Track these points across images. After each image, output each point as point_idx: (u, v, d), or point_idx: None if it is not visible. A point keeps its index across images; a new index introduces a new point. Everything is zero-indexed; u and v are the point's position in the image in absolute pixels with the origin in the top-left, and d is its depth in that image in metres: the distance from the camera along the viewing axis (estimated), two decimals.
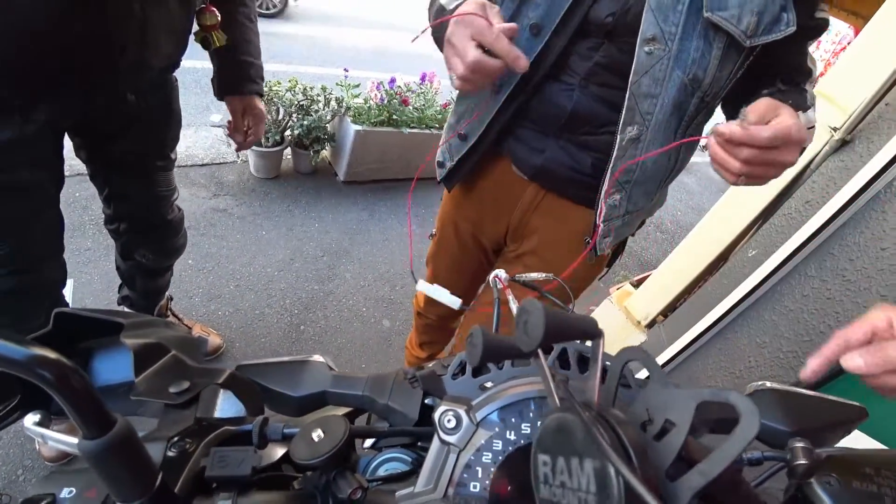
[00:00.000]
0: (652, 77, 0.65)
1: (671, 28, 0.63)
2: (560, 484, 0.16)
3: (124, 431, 0.20)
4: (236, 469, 0.25)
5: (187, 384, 0.31)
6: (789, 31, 0.62)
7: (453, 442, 0.24)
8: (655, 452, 0.16)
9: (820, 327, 1.22)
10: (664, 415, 0.17)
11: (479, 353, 0.20)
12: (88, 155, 1.04)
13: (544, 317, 0.18)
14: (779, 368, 1.29)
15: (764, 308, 1.39)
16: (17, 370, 0.17)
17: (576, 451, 0.16)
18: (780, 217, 1.46)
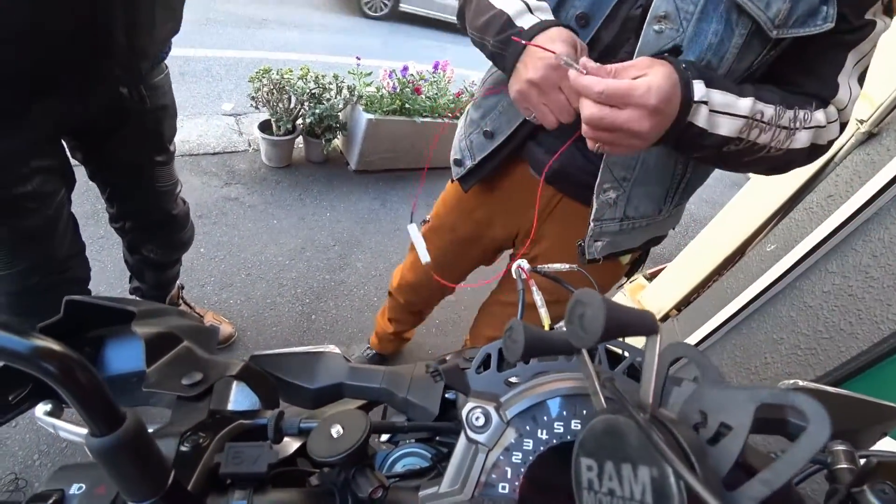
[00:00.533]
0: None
1: (688, 6, 0.55)
2: (608, 491, 0.15)
3: (134, 428, 0.19)
4: (252, 466, 0.24)
5: (200, 376, 0.30)
6: (825, 28, 0.54)
7: (482, 441, 0.23)
8: (710, 456, 0.15)
9: (840, 324, 1.18)
10: (719, 417, 0.16)
11: (520, 349, 0.19)
12: (85, 156, 1.01)
13: (605, 310, 0.16)
14: (796, 365, 1.26)
15: (782, 304, 1.36)
16: (19, 363, 0.16)
17: (628, 457, 0.14)
18: (801, 211, 1.42)
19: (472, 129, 0.83)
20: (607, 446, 0.16)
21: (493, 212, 0.93)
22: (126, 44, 0.79)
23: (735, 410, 0.16)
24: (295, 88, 2.26)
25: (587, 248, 0.76)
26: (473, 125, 0.83)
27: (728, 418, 0.16)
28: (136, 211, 1.15)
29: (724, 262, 1.77)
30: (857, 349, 1.14)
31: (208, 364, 0.32)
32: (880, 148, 1.28)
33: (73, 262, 0.99)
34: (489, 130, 0.78)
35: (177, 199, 1.19)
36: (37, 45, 0.69)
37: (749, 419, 0.15)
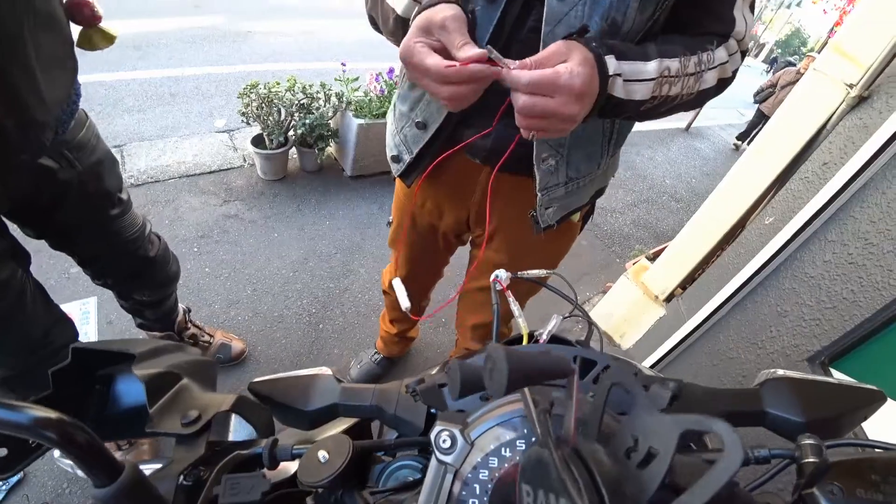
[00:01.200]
0: (567, 25, 0.59)
1: None
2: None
3: (132, 477, 0.21)
4: (247, 496, 0.26)
5: (197, 413, 0.32)
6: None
7: (449, 462, 0.25)
8: (639, 481, 0.16)
9: (843, 293, 1.18)
10: (648, 442, 0.17)
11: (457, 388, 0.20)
12: (36, 232, 0.95)
13: (507, 364, 0.18)
14: (801, 337, 1.27)
15: (784, 276, 1.36)
16: (23, 433, 0.18)
17: (552, 488, 0.16)
18: (797, 181, 1.42)
19: (404, 123, 0.82)
20: (538, 475, 0.17)
21: (441, 201, 0.94)
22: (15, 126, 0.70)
23: (662, 436, 0.17)
24: (283, 101, 2.28)
25: (540, 217, 0.78)
26: (404, 118, 0.82)
27: (655, 443, 0.17)
28: (111, 267, 1.11)
29: (724, 236, 1.76)
30: (860, 317, 1.14)
31: (205, 401, 0.34)
32: (872, 112, 1.27)
33: (53, 333, 0.95)
34: (421, 121, 0.78)
35: (149, 240, 1.14)
36: None
37: (674, 444, 0.16)
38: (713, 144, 5.16)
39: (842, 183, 1.21)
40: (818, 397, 0.37)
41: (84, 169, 0.90)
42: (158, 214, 2.13)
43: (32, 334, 0.92)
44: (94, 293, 1.70)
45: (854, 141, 1.26)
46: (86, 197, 0.93)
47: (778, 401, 0.36)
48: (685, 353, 1.74)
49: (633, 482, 0.17)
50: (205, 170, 2.50)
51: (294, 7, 5.62)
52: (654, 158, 4.46)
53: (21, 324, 0.88)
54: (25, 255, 0.91)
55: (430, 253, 1.13)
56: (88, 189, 0.93)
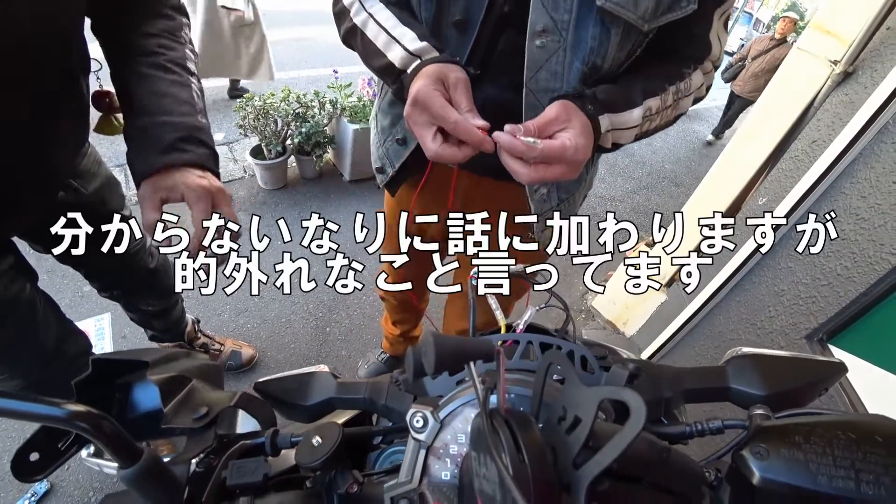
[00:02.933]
0: (549, 71, 0.61)
1: (563, 16, 0.58)
2: (483, 476, 0.19)
3: (150, 459, 0.24)
4: (251, 477, 0.30)
5: (206, 409, 0.36)
6: (690, 10, 0.58)
7: (422, 439, 0.28)
8: (566, 444, 0.19)
9: (837, 269, 1.20)
10: (574, 411, 0.20)
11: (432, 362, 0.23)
12: (45, 249, 0.97)
13: (434, 348, 0.21)
14: (799, 316, 1.28)
15: (780, 256, 1.37)
16: (61, 425, 0.22)
17: (487, 448, 0.19)
18: (788, 160, 1.43)
19: (386, 137, 0.85)
20: (480, 442, 0.20)
21: (426, 204, 0.96)
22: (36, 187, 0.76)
23: (585, 405, 0.20)
24: (279, 111, 2.32)
25: (538, 237, 0.80)
26: (385, 133, 0.85)
27: (580, 412, 0.20)
28: (116, 280, 1.16)
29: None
30: (855, 292, 1.15)
31: (213, 398, 0.38)
32: (857, 87, 1.27)
33: (66, 344, 0.98)
34: (401, 138, 0.81)
35: (149, 252, 1.18)
36: None
37: (594, 411, 0.19)
38: (712, 126, 5.14)
39: (831, 160, 1.22)
40: (779, 371, 0.39)
41: (89, 194, 0.95)
42: None
43: (46, 346, 0.95)
44: (108, 309, 1.75)
45: (841, 117, 1.27)
46: (91, 218, 0.96)
47: (741, 376, 0.38)
48: (687, 338, 1.76)
49: (561, 444, 0.20)
50: None
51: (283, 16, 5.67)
52: (653, 144, 4.45)
53: (34, 337, 0.92)
54: (32, 272, 0.95)
55: (420, 256, 1.15)
56: (95, 209, 0.97)
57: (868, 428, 0.23)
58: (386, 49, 0.64)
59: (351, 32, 0.71)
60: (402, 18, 0.65)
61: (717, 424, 0.30)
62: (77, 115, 0.81)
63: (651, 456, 0.22)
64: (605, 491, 0.19)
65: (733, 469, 0.24)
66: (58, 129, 0.76)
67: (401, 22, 0.65)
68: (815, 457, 0.22)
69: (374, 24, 0.66)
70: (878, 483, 0.20)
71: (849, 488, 0.21)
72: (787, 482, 0.22)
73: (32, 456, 0.39)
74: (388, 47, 0.64)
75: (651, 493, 0.22)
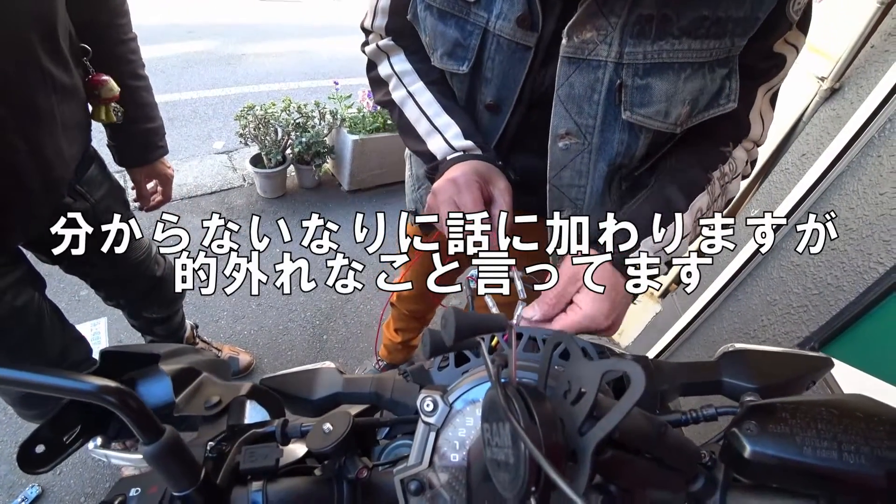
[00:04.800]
0: (573, 170, 0.59)
1: (588, 120, 0.55)
2: (495, 444, 0.21)
3: (172, 437, 0.26)
4: (264, 461, 0.31)
5: (218, 398, 0.37)
6: (729, 108, 0.53)
7: (432, 422, 0.29)
8: (572, 414, 0.21)
9: (827, 279, 1.23)
10: (579, 384, 0.21)
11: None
12: (51, 259, 1.01)
13: (454, 319, 0.23)
14: (791, 324, 1.31)
15: (772, 266, 1.40)
16: (89, 398, 0.23)
17: (500, 418, 0.20)
18: (778, 173, 1.47)
19: (420, 184, 0.85)
20: (492, 412, 0.22)
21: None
22: (41, 185, 0.78)
23: (589, 378, 0.21)
24: (279, 120, 2.35)
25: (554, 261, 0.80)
26: (420, 181, 0.85)
27: (584, 385, 0.21)
28: (122, 289, 1.17)
29: None
30: (845, 301, 1.18)
31: (224, 389, 0.39)
32: (844, 102, 1.32)
33: (69, 351, 1.00)
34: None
35: (155, 260, 1.19)
36: None
37: (597, 383, 0.20)
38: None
39: (820, 172, 1.26)
40: (769, 365, 0.41)
41: (95, 201, 0.97)
42: None
43: (50, 354, 0.96)
44: (104, 314, 1.75)
45: (829, 131, 1.31)
46: (97, 226, 0.98)
47: (733, 370, 0.40)
48: (682, 348, 1.77)
49: (567, 415, 0.21)
50: (206, 191, 2.57)
51: (285, 28, 5.74)
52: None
53: (40, 345, 0.93)
54: (41, 280, 0.96)
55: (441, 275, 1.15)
56: (100, 220, 0.98)
57: (848, 405, 0.24)
58: (426, 137, 0.63)
59: (387, 105, 0.70)
60: (444, 105, 0.64)
61: (710, 412, 0.31)
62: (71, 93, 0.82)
63: (649, 430, 0.23)
64: (608, 459, 0.20)
65: (726, 446, 0.26)
66: (57, 117, 0.78)
67: (444, 110, 0.63)
68: (801, 430, 0.23)
69: (415, 106, 0.65)
70: (858, 453, 0.22)
71: (832, 458, 0.22)
72: (776, 454, 0.23)
73: (38, 448, 0.39)
74: (430, 136, 0.63)
75: (650, 466, 0.23)
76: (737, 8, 0.47)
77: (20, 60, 0.69)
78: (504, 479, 0.19)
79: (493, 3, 0.54)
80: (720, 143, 0.59)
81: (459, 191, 0.53)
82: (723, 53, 0.50)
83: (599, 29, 0.50)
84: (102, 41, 0.89)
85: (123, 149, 1.03)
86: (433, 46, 0.61)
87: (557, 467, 0.17)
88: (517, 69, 0.57)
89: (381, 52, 0.70)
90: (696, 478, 0.26)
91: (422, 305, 1.38)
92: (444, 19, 0.58)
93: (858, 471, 0.22)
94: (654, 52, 0.49)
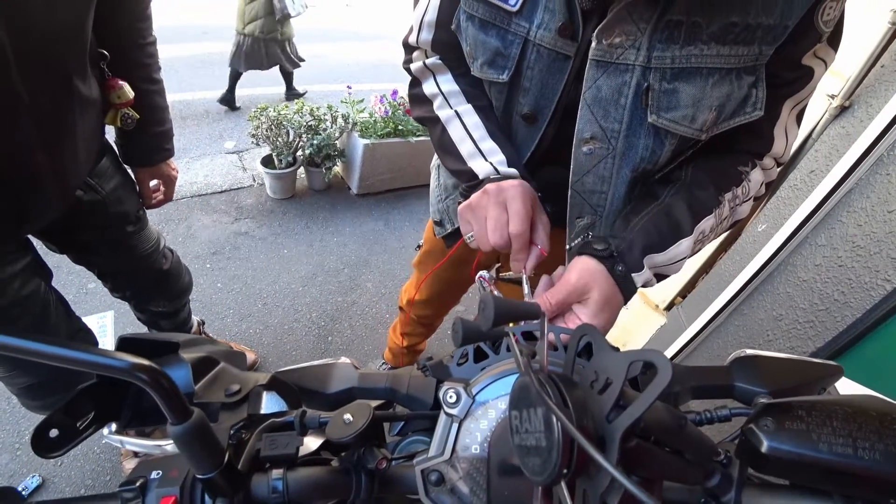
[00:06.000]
0: (596, 175, 0.59)
1: (614, 125, 0.55)
2: (525, 430, 0.21)
3: (200, 418, 0.26)
4: (285, 449, 0.31)
5: (238, 387, 0.37)
6: (755, 117, 0.53)
7: (455, 413, 0.30)
8: (599, 403, 0.21)
9: (834, 295, 1.22)
10: (605, 374, 0.22)
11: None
12: (59, 248, 1.03)
13: (493, 304, 0.23)
14: (797, 340, 1.30)
15: (778, 281, 1.40)
16: (122, 375, 0.23)
17: (532, 403, 0.21)
18: (786, 189, 1.47)
19: (448, 195, 0.85)
20: (522, 398, 0.22)
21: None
22: (57, 190, 0.80)
23: (615, 368, 0.22)
24: (292, 122, 2.37)
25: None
26: (448, 191, 0.85)
27: (611, 374, 0.22)
28: (129, 280, 1.18)
29: (721, 244, 1.81)
30: (851, 318, 1.17)
31: (243, 378, 0.40)
32: (853, 120, 1.32)
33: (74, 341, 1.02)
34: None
35: (163, 254, 1.21)
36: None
37: (624, 373, 0.21)
38: None
39: (828, 189, 1.26)
40: (781, 371, 0.41)
41: (107, 193, 0.98)
42: (172, 232, 2.21)
43: None
44: (111, 307, 1.76)
45: (838, 149, 1.32)
46: (107, 217, 1.01)
47: (745, 375, 0.41)
48: (686, 361, 1.77)
49: (595, 404, 0.22)
50: (216, 189, 2.59)
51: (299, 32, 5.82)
52: None
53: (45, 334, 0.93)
54: (48, 270, 0.97)
55: (455, 283, 1.15)
56: (109, 211, 1.01)
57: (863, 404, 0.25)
58: (469, 158, 0.63)
59: (429, 122, 0.70)
60: (489, 129, 0.64)
61: (725, 413, 0.32)
62: (91, 104, 0.84)
63: (671, 422, 0.24)
64: (632, 449, 0.21)
65: (743, 442, 0.26)
66: (77, 129, 0.80)
67: (489, 135, 0.63)
68: (817, 427, 0.24)
69: (461, 127, 0.65)
70: (873, 449, 0.22)
71: (847, 454, 0.23)
72: (793, 450, 0.24)
73: (52, 432, 0.40)
74: (473, 158, 0.63)
75: (670, 458, 0.24)
76: (767, 15, 0.47)
77: (53, 81, 0.72)
78: (535, 464, 0.20)
79: (535, 13, 0.55)
80: (739, 161, 0.59)
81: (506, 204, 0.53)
82: (750, 61, 0.50)
83: (629, 34, 0.50)
84: (121, 44, 0.91)
85: (130, 149, 1.05)
86: (474, 56, 0.62)
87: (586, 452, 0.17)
88: (556, 78, 0.58)
89: (427, 70, 0.71)
90: (712, 473, 0.27)
91: (432, 311, 1.38)
92: (486, 29, 0.59)
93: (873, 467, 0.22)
94: (682, 57, 0.50)
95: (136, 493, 0.29)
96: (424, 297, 1.28)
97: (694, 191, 0.57)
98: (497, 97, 0.64)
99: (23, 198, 0.76)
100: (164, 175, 1.12)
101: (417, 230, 2.63)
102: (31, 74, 0.66)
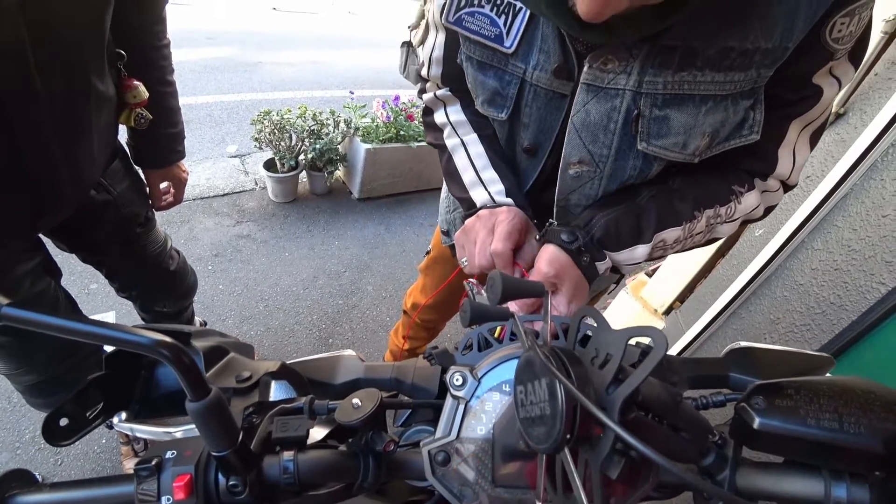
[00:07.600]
0: (582, 194, 0.61)
1: (602, 150, 0.55)
2: (529, 402, 0.23)
3: (217, 396, 0.27)
4: (296, 431, 0.33)
5: (249, 373, 0.39)
6: (751, 140, 0.52)
7: (461, 395, 0.31)
8: (599, 377, 0.23)
9: (830, 298, 1.24)
10: (605, 350, 0.23)
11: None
12: (69, 246, 1.04)
13: (501, 280, 0.25)
14: (794, 343, 1.31)
15: (775, 285, 1.42)
16: (146, 352, 0.25)
17: (536, 376, 0.22)
18: None
19: (456, 207, 0.87)
20: (527, 372, 0.24)
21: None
22: (73, 191, 0.82)
23: (614, 344, 0.23)
24: (294, 127, 2.40)
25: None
26: (456, 204, 0.86)
27: (610, 350, 0.23)
28: (136, 280, 1.20)
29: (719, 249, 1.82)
30: (847, 320, 1.19)
31: (253, 366, 0.41)
32: (848, 127, 1.35)
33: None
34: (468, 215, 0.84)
35: (170, 254, 1.22)
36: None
37: (622, 350, 0.22)
38: None
39: (824, 194, 1.28)
40: (774, 362, 0.43)
41: (118, 193, 1.00)
42: (175, 234, 2.22)
43: (63, 344, 0.97)
44: (113, 307, 1.77)
45: (833, 155, 1.34)
46: (117, 217, 1.02)
47: (739, 365, 0.42)
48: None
49: (596, 378, 0.23)
50: (218, 192, 2.61)
51: (302, 38, 5.87)
52: None
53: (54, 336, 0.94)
54: (58, 269, 0.99)
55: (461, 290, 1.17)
56: (120, 210, 1.02)
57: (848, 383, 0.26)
58: (470, 187, 0.66)
59: (438, 149, 0.74)
60: (492, 159, 0.66)
61: (720, 398, 0.33)
62: (107, 102, 0.86)
63: (667, 398, 0.25)
64: (631, 421, 0.22)
65: (736, 419, 0.27)
66: (94, 127, 0.82)
67: (491, 164, 0.65)
68: (805, 404, 0.25)
69: (465, 155, 0.67)
70: (858, 423, 0.24)
71: (834, 428, 0.24)
72: (782, 426, 0.25)
73: (62, 421, 0.41)
74: (474, 187, 0.66)
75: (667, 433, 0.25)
76: (766, 39, 0.45)
77: (71, 77, 0.73)
78: (539, 433, 0.21)
79: (530, 54, 0.55)
80: (737, 180, 0.58)
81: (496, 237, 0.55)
82: (748, 85, 0.48)
83: (621, 59, 0.49)
84: (137, 46, 0.92)
85: (142, 150, 1.07)
86: (475, 93, 0.64)
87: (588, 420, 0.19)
88: (554, 115, 0.58)
89: (438, 101, 0.74)
90: (707, 452, 0.28)
91: (437, 315, 1.38)
92: (484, 70, 0.60)
93: (858, 441, 0.23)
94: (674, 83, 0.48)
95: (151, 472, 0.30)
96: (431, 303, 1.29)
97: (672, 199, 0.57)
98: (500, 131, 0.66)
99: (39, 192, 0.78)
100: (174, 177, 1.14)
101: (418, 234, 2.64)
102: (50, 71, 0.67)
